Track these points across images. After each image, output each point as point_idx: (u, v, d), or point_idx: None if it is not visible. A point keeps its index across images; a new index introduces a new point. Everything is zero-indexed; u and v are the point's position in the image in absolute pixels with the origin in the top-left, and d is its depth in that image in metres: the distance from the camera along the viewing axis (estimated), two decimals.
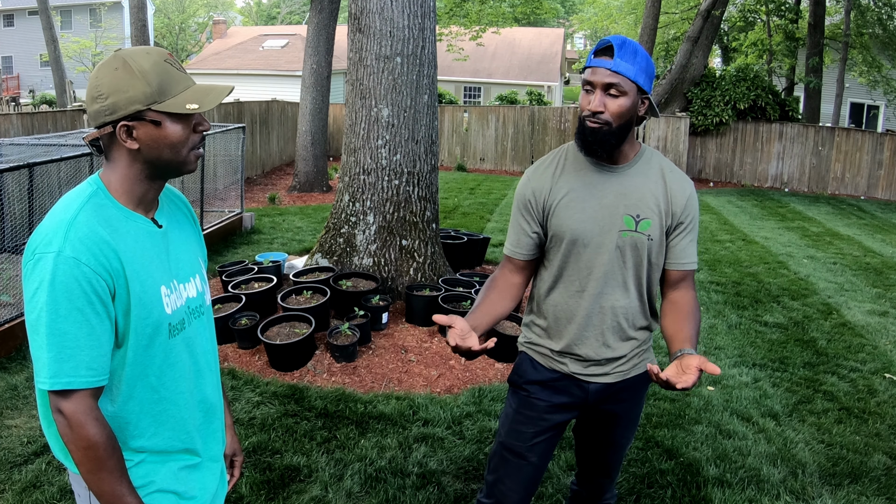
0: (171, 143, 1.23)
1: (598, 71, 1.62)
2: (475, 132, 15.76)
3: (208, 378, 1.43)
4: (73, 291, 1.13)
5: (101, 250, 1.17)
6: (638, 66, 1.62)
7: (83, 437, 1.16)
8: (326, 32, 10.82)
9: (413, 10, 4.78)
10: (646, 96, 1.68)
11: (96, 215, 1.20)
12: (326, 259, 5.14)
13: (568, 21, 41.82)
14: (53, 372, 1.14)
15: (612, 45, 1.61)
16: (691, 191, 1.78)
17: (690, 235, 1.78)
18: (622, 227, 1.73)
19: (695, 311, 1.75)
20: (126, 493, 1.20)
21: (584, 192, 1.75)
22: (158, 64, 1.21)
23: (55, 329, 1.13)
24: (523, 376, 1.91)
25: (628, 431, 1.96)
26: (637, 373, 1.87)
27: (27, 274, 1.16)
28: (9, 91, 28.06)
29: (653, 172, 1.76)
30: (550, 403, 1.86)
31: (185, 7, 38.40)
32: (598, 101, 1.63)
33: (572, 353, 1.82)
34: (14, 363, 3.93)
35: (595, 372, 1.83)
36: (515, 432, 1.90)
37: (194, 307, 1.38)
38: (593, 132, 1.65)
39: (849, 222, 10.52)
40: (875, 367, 4.43)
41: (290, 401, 3.56)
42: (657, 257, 1.77)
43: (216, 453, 1.46)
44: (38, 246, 1.16)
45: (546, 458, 1.92)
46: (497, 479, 1.94)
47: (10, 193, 4.64)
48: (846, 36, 17.32)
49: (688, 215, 1.76)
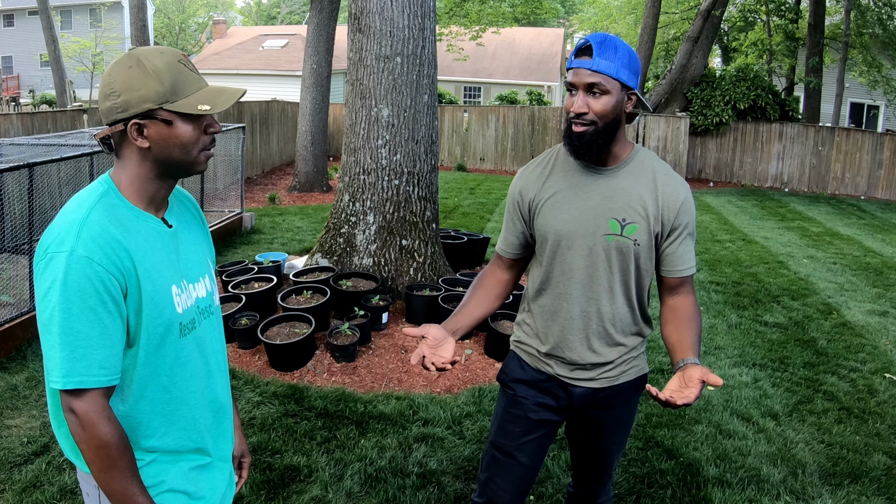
0: (181, 142, 1.23)
1: (579, 72, 1.60)
2: (475, 132, 15.76)
3: (218, 378, 1.43)
4: (85, 291, 1.14)
5: (113, 249, 1.17)
6: (619, 63, 1.59)
7: (95, 437, 1.16)
8: (326, 32, 10.82)
9: (413, 10, 4.78)
10: (632, 92, 1.64)
11: (108, 215, 1.20)
12: (326, 259, 5.14)
13: (568, 21, 41.80)
14: (66, 371, 1.14)
15: (591, 45, 1.59)
16: (686, 195, 1.71)
17: (687, 241, 1.73)
18: (607, 231, 1.69)
19: (695, 317, 1.72)
20: (137, 492, 1.21)
21: (570, 193, 1.73)
22: (172, 64, 1.22)
23: (68, 328, 1.14)
24: (510, 374, 1.91)
25: (619, 438, 1.93)
26: (626, 379, 1.83)
27: (39, 273, 1.16)
28: (9, 91, 28.06)
29: (644, 175, 1.71)
30: (535, 402, 1.85)
31: (185, 7, 38.41)
32: (580, 101, 1.61)
33: (558, 355, 1.80)
34: (14, 363, 3.93)
35: (580, 376, 1.80)
36: (504, 431, 1.89)
37: (204, 307, 1.38)
38: (579, 136, 1.63)
39: (849, 222, 10.52)
40: (875, 367, 4.43)
41: (290, 401, 3.56)
42: (646, 263, 1.73)
43: (226, 454, 1.46)
44: (50, 245, 1.16)
45: (537, 458, 1.90)
46: (488, 478, 1.93)
47: (10, 193, 4.64)
48: (846, 36, 17.31)
49: (682, 221, 1.71)
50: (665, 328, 1.75)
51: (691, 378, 1.50)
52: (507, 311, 4.55)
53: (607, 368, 1.80)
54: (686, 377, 1.52)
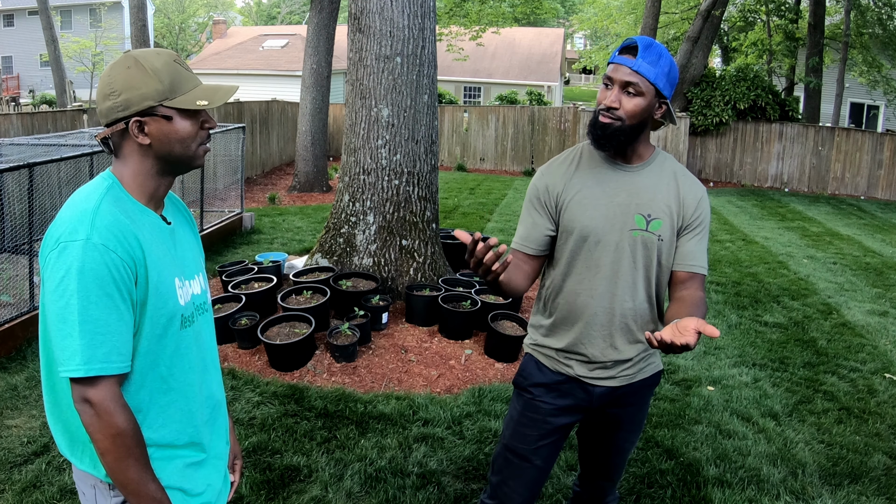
0: (181, 138, 1.27)
1: (620, 68, 1.64)
2: (475, 132, 15.75)
3: (214, 375, 1.45)
4: (103, 278, 1.16)
5: (125, 238, 1.20)
6: (660, 70, 1.63)
7: (112, 425, 1.17)
8: (326, 32, 10.82)
9: (413, 10, 4.78)
10: (664, 101, 1.68)
11: (117, 206, 1.24)
12: (326, 259, 5.14)
13: (568, 21, 41.81)
14: (86, 358, 1.15)
15: (637, 45, 1.63)
16: (703, 195, 1.78)
17: (698, 238, 1.76)
18: (633, 227, 1.73)
19: (700, 305, 1.66)
20: (150, 479, 1.22)
21: (596, 189, 1.75)
22: (169, 64, 1.26)
23: (87, 316, 1.15)
24: (528, 378, 1.90)
25: (632, 436, 1.95)
26: (643, 377, 1.86)
27: (50, 263, 1.17)
28: (9, 91, 28.05)
29: (665, 174, 1.77)
30: (555, 406, 1.86)
31: (185, 7, 38.40)
32: (614, 96, 1.64)
33: (577, 352, 1.81)
34: (14, 363, 3.93)
35: (600, 375, 1.82)
36: (520, 435, 1.89)
37: (199, 304, 1.40)
38: (604, 126, 1.66)
39: (849, 222, 10.52)
40: (875, 367, 4.43)
41: (290, 401, 3.56)
42: (667, 259, 1.76)
43: (221, 451, 1.47)
44: (62, 235, 1.17)
45: (550, 461, 1.92)
46: (501, 481, 1.94)
47: (10, 193, 4.64)
48: (846, 36, 17.31)
49: (697, 217, 1.76)
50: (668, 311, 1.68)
51: (686, 327, 1.38)
52: (507, 311, 4.55)
53: (627, 366, 1.82)
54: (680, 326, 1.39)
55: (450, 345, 4.41)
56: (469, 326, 4.51)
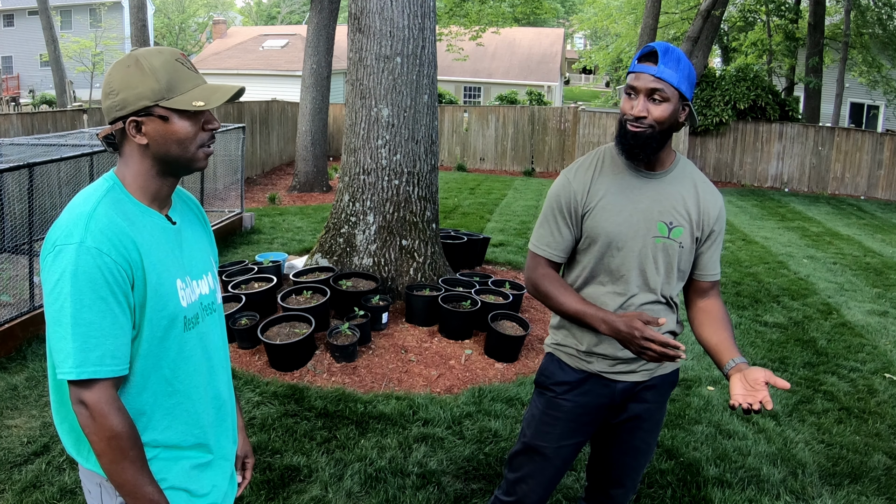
0: (178, 138, 1.26)
1: (642, 76, 1.65)
2: (475, 132, 15.75)
3: (221, 375, 1.44)
4: (96, 281, 1.15)
5: (121, 241, 1.19)
6: (681, 74, 1.65)
7: (106, 428, 1.17)
8: (326, 32, 10.82)
9: (413, 10, 4.78)
10: (686, 103, 1.70)
11: (115, 208, 1.23)
12: (326, 259, 5.14)
13: (568, 21, 41.81)
14: (79, 361, 1.15)
15: (657, 51, 1.63)
16: (722, 204, 1.84)
17: (716, 246, 1.84)
18: (656, 234, 1.75)
19: (727, 318, 1.80)
20: (147, 482, 1.22)
21: (620, 196, 1.77)
22: (169, 62, 1.25)
23: (80, 319, 1.15)
24: (551, 377, 1.91)
25: (650, 437, 1.94)
26: (663, 372, 1.88)
27: (47, 266, 1.18)
28: (9, 91, 28.04)
29: (686, 182, 1.80)
30: (577, 404, 1.87)
31: (185, 7, 38.42)
32: (641, 105, 1.65)
33: (599, 353, 1.83)
34: (14, 363, 3.93)
35: (622, 370, 1.84)
36: (542, 433, 1.90)
37: (207, 304, 1.40)
38: (635, 136, 1.67)
39: (849, 222, 10.52)
40: (875, 367, 4.43)
41: (290, 401, 3.56)
42: (686, 265, 1.81)
43: (228, 452, 1.46)
44: (59, 238, 1.18)
45: (568, 462, 1.93)
46: (519, 479, 1.94)
47: (10, 193, 4.64)
48: (846, 36, 17.31)
49: (717, 228, 1.82)
50: (702, 330, 1.80)
51: (756, 381, 1.52)
52: (507, 312, 4.55)
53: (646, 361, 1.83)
54: (750, 380, 1.53)
55: (450, 345, 4.41)
56: (469, 326, 4.51)
